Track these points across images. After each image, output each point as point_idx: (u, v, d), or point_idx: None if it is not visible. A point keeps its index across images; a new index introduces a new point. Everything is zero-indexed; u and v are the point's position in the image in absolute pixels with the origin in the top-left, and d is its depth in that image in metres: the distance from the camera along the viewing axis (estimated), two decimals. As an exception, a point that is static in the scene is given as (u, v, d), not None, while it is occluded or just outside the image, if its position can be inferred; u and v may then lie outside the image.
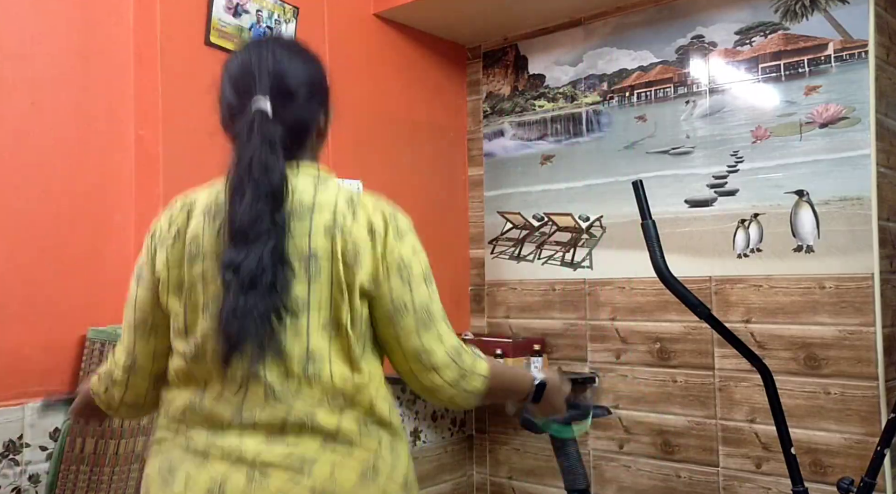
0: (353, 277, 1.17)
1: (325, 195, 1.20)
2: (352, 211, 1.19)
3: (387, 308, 1.20)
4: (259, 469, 1.13)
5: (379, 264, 1.19)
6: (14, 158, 1.98)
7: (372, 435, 1.20)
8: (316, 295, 1.16)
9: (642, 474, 2.73)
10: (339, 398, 1.17)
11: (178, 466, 1.17)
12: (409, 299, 1.20)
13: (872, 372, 2.29)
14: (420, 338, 1.21)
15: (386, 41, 2.90)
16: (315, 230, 1.16)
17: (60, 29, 2.08)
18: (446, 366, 1.22)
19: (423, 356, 1.21)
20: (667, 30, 2.73)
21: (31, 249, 1.99)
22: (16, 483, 1.92)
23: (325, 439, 1.15)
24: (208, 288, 1.16)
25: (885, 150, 2.37)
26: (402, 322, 1.20)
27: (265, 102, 1.17)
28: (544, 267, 3.01)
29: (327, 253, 1.16)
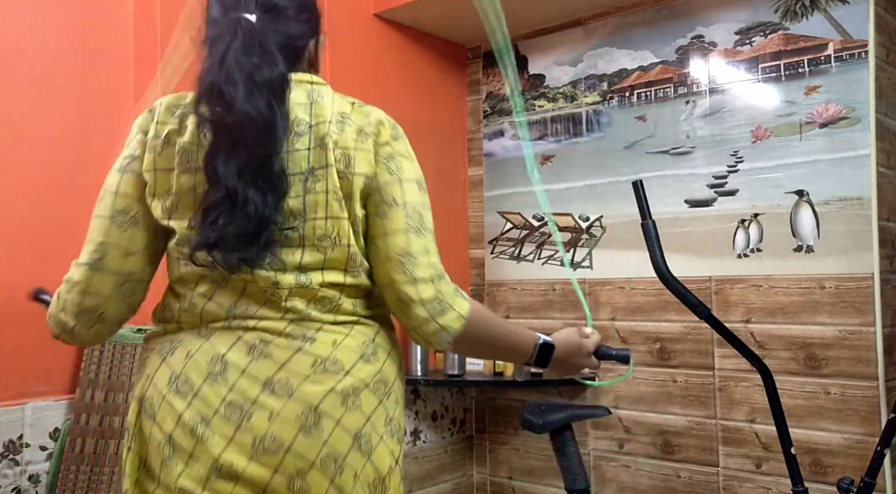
0: (351, 186, 1.14)
1: (320, 107, 1.16)
2: (344, 120, 1.16)
3: (375, 200, 1.16)
4: (261, 340, 1.13)
5: (372, 159, 1.16)
6: (14, 158, 1.98)
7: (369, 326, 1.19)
8: (311, 209, 1.13)
9: (642, 474, 2.73)
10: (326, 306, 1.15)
11: (177, 346, 1.17)
12: (400, 194, 1.17)
13: (872, 372, 2.29)
14: (408, 239, 1.16)
15: (386, 41, 2.90)
16: (312, 145, 1.14)
17: (60, 29, 2.08)
18: (426, 283, 1.15)
19: (408, 261, 1.15)
20: (667, 30, 2.73)
21: (31, 249, 1.99)
22: (16, 483, 1.92)
23: (323, 324, 1.15)
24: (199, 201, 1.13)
25: (885, 150, 2.37)
26: (391, 216, 1.16)
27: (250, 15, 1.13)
28: (544, 267, 3.01)
29: (322, 164, 1.13)
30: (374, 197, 1.16)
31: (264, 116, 1.09)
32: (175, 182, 1.15)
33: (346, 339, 1.16)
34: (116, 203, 1.18)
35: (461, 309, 1.18)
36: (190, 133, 1.14)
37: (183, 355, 1.15)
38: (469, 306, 1.20)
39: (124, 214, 1.18)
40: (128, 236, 1.18)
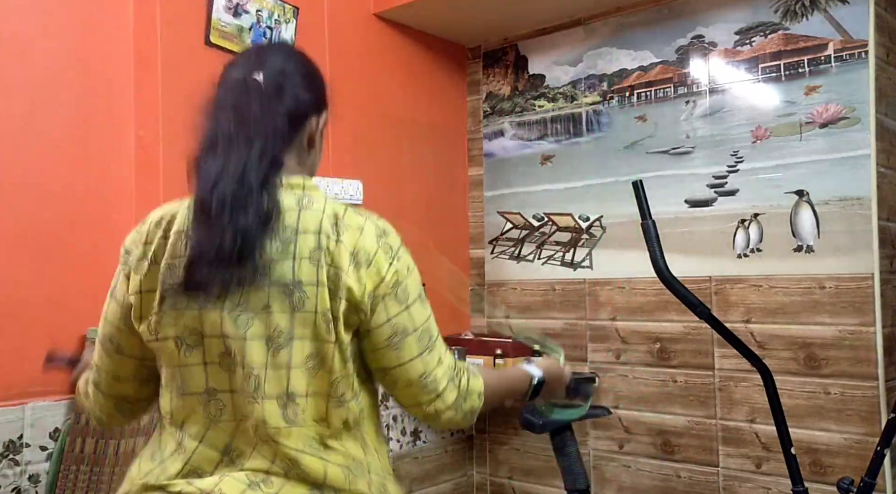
0: (338, 306, 1.07)
1: (309, 215, 1.10)
2: (336, 233, 1.09)
3: (384, 335, 1.11)
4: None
5: (369, 289, 1.09)
6: (14, 158, 1.98)
7: (360, 477, 1.13)
8: (300, 327, 1.07)
9: (642, 474, 2.73)
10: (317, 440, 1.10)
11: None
12: (410, 321, 1.13)
13: (872, 372, 2.29)
14: (424, 362, 1.15)
15: (386, 41, 2.90)
16: (300, 255, 1.07)
17: (60, 29, 2.08)
18: (448, 390, 1.18)
19: (429, 381, 1.15)
20: (667, 30, 2.73)
21: (31, 249, 1.99)
22: (16, 483, 1.92)
23: (311, 488, 1.09)
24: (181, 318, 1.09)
25: (885, 150, 2.37)
26: (405, 347, 1.13)
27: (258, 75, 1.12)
28: (544, 267, 3.01)
29: (311, 281, 1.06)
30: (379, 327, 1.11)
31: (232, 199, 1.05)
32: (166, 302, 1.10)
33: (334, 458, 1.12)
34: (104, 329, 1.20)
35: (479, 388, 1.24)
36: (173, 244, 1.10)
37: None
38: (481, 381, 1.25)
39: (110, 341, 1.19)
40: (114, 364, 1.20)
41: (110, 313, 1.19)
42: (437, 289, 2.46)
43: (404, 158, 2.95)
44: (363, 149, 2.73)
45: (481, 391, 1.24)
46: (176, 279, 1.08)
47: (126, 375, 1.20)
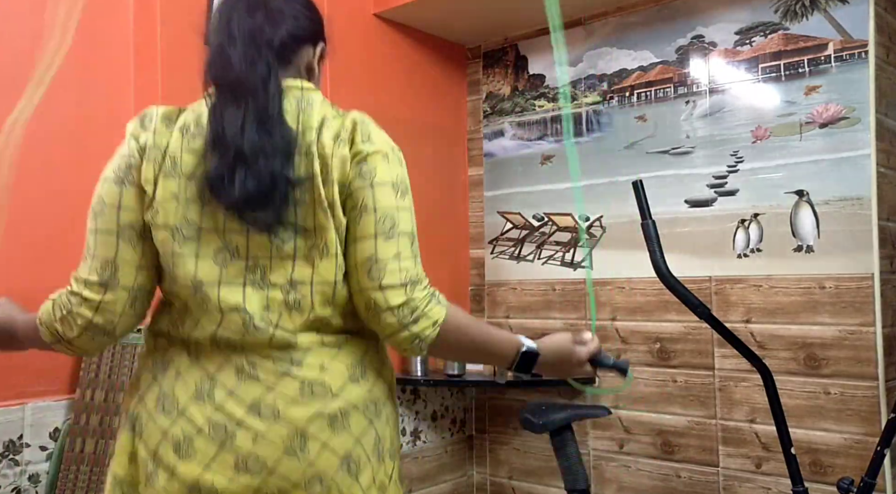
0: (332, 194, 1.12)
1: (307, 115, 1.15)
2: (323, 125, 1.15)
3: (349, 207, 1.13)
4: (248, 362, 1.11)
5: (347, 165, 1.13)
6: (14, 158, 1.98)
7: (357, 344, 1.18)
8: (301, 219, 1.11)
9: (642, 474, 2.73)
10: (319, 322, 1.14)
11: (168, 364, 1.16)
12: (371, 198, 1.13)
13: (872, 372, 2.29)
14: (376, 245, 1.12)
15: (386, 41, 2.90)
16: (299, 152, 1.12)
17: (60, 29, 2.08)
18: (395, 289, 1.12)
19: (374, 268, 1.11)
20: (667, 30, 2.73)
21: (32, 249, 1.99)
22: (16, 483, 1.92)
23: (311, 340, 1.14)
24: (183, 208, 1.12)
25: (885, 150, 2.37)
26: (361, 222, 1.13)
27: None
28: (544, 267, 3.01)
29: (308, 174, 1.11)
30: (348, 203, 1.14)
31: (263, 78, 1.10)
32: (160, 188, 1.13)
33: (334, 361, 1.15)
34: (122, 217, 1.15)
35: (436, 316, 1.14)
36: (176, 138, 1.14)
37: (172, 373, 1.15)
38: (445, 312, 1.16)
39: (131, 228, 1.15)
40: (139, 251, 1.15)
41: (127, 198, 1.14)
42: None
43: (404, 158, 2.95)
44: (363, 149, 2.73)
45: (439, 320, 1.14)
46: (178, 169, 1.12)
47: (149, 262, 1.16)
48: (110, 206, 1.15)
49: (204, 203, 1.11)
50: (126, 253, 1.14)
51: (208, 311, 1.12)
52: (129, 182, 1.16)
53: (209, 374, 1.12)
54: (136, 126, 1.19)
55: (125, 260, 1.14)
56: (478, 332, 1.24)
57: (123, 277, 1.15)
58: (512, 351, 1.25)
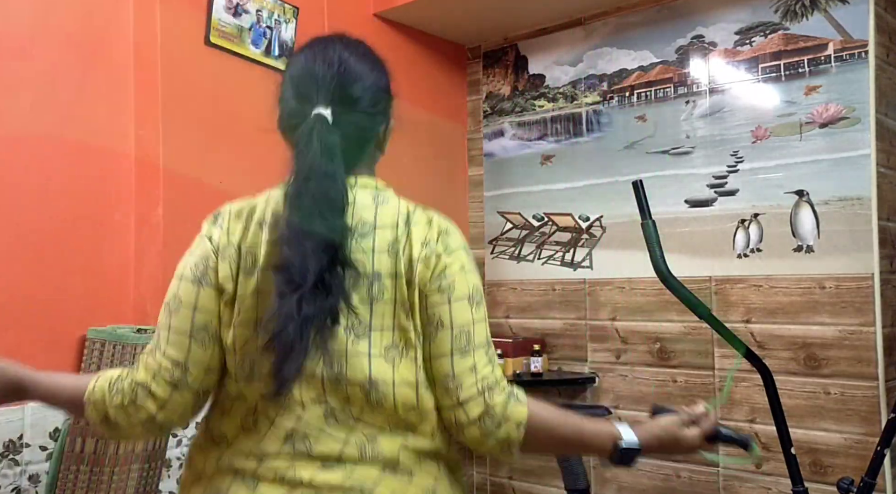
0: (415, 295, 1.10)
1: (385, 211, 1.14)
2: (409, 227, 1.13)
3: (424, 322, 1.11)
4: (315, 491, 1.07)
5: (426, 276, 1.11)
6: (14, 158, 1.98)
7: (430, 468, 1.13)
8: (378, 317, 1.09)
9: (642, 474, 2.73)
10: (401, 426, 1.11)
11: (225, 490, 1.11)
12: (448, 315, 1.11)
13: (872, 372, 2.29)
14: (452, 362, 1.10)
15: (386, 41, 2.89)
16: (378, 248, 1.10)
17: (60, 29, 2.08)
18: (473, 401, 1.09)
19: (451, 384, 1.09)
20: (667, 30, 2.73)
21: (32, 249, 1.99)
22: (16, 483, 1.92)
23: (383, 468, 1.09)
24: (262, 303, 1.09)
25: (885, 150, 2.37)
26: (437, 341, 1.10)
27: (326, 109, 1.12)
28: (544, 267, 3.01)
29: (390, 273, 1.09)
30: (422, 315, 1.12)
31: (333, 226, 1.07)
32: (240, 286, 1.11)
33: (408, 489, 1.10)
34: (197, 320, 1.12)
35: (518, 417, 1.11)
36: (254, 232, 1.12)
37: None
38: (527, 411, 1.12)
39: (205, 330, 1.13)
40: (209, 353, 1.13)
41: (204, 299, 1.13)
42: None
43: (404, 158, 2.95)
44: (363, 149, 2.73)
45: (522, 422, 1.10)
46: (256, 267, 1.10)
47: (216, 365, 1.14)
48: (186, 305, 1.13)
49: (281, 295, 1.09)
50: (198, 354, 1.13)
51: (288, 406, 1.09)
52: (206, 283, 1.13)
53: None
54: (209, 225, 1.17)
55: (196, 361, 1.13)
56: (566, 426, 1.18)
57: (193, 378, 1.13)
58: (608, 444, 1.18)
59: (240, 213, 1.15)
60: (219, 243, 1.14)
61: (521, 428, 1.10)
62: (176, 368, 1.12)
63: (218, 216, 1.17)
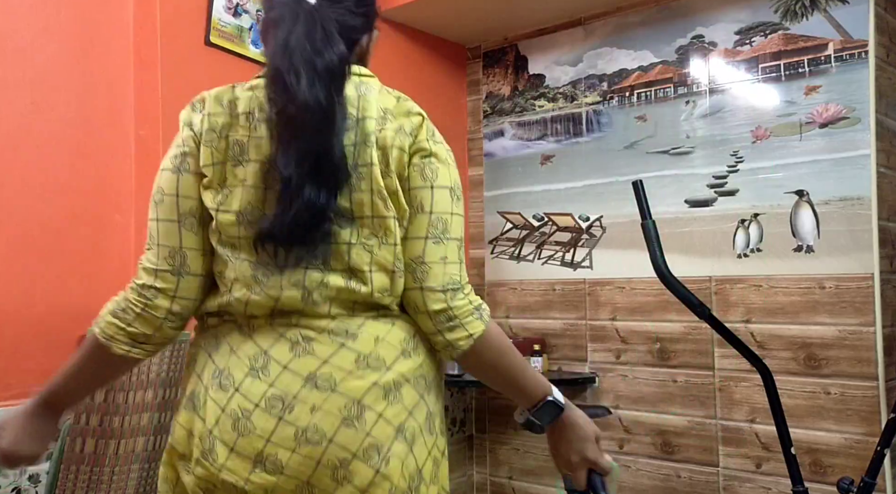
0: (391, 182, 1.13)
1: (367, 101, 1.15)
2: (386, 115, 1.15)
3: (401, 201, 1.14)
4: (303, 337, 1.12)
5: (406, 159, 1.14)
6: (14, 158, 1.98)
7: (410, 321, 1.18)
8: (358, 207, 1.12)
9: (642, 474, 2.73)
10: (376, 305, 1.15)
11: (221, 341, 1.16)
12: (429, 199, 1.15)
13: (872, 372, 2.29)
14: (424, 247, 1.14)
15: (386, 41, 2.88)
16: (358, 140, 1.12)
17: (60, 29, 2.08)
18: (434, 294, 1.14)
19: (419, 268, 1.14)
20: (667, 30, 2.73)
21: (32, 248, 1.99)
22: (16, 483, 1.92)
23: (366, 316, 1.14)
24: (248, 193, 1.12)
25: (885, 150, 2.37)
26: (415, 222, 1.14)
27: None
28: (544, 267, 3.01)
29: (367, 162, 1.12)
30: (399, 194, 1.15)
31: (323, 107, 1.08)
32: (229, 174, 1.14)
33: (388, 335, 1.15)
34: (182, 206, 1.17)
35: (473, 329, 1.16)
36: (242, 125, 1.14)
37: (226, 350, 1.15)
38: (483, 329, 1.17)
39: (192, 216, 1.17)
40: (202, 237, 1.17)
41: (185, 186, 1.16)
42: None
43: (404, 158, 2.95)
44: (363, 149, 2.73)
45: (475, 335, 1.16)
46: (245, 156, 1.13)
47: (210, 247, 1.18)
48: (169, 195, 1.18)
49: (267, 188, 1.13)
50: (189, 241, 1.17)
51: (268, 287, 1.13)
52: (185, 170, 1.17)
53: (262, 350, 1.13)
54: (188, 113, 1.20)
55: (190, 247, 1.17)
56: (513, 361, 1.24)
57: (192, 263, 1.17)
58: (539, 394, 1.24)
59: (220, 99, 1.17)
60: (200, 129, 1.16)
61: (470, 340, 1.15)
62: (174, 257, 1.16)
63: (198, 103, 1.19)
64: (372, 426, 1.11)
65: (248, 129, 1.13)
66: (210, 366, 1.16)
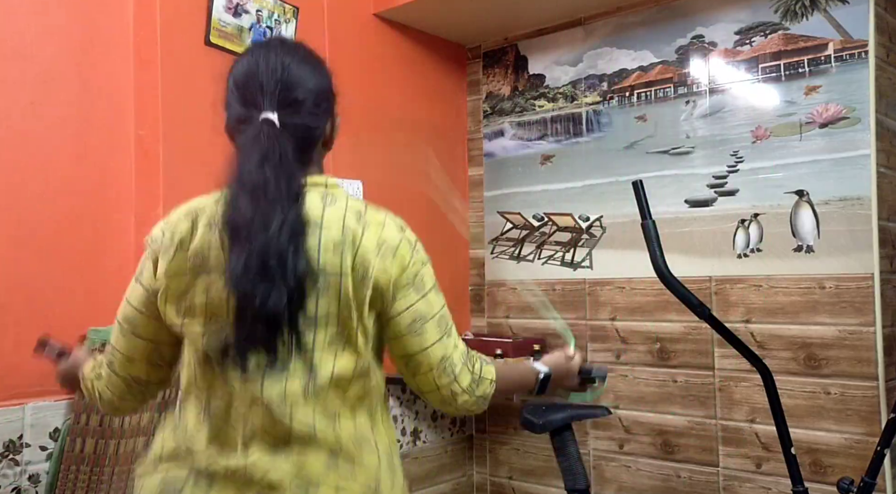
0: (364, 293, 1.16)
1: (333, 210, 1.18)
2: (361, 227, 1.18)
3: (406, 321, 1.20)
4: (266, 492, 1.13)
5: (394, 277, 1.18)
6: (14, 158, 1.98)
7: (371, 451, 1.20)
8: (323, 311, 1.14)
9: (642, 474, 2.73)
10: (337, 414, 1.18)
11: (182, 487, 1.16)
12: (428, 308, 1.22)
13: (872, 372, 2.29)
14: (444, 346, 1.22)
15: (386, 41, 2.90)
16: (324, 247, 1.14)
17: (60, 29, 2.08)
18: (463, 373, 1.24)
19: (448, 364, 1.22)
20: (667, 30, 2.73)
21: (31, 248, 1.99)
22: (16, 483, 1.92)
23: (329, 455, 1.16)
24: (212, 302, 1.15)
25: (885, 150, 2.37)
26: (426, 332, 1.21)
27: (272, 113, 1.16)
28: (544, 267, 3.01)
29: (336, 269, 1.14)
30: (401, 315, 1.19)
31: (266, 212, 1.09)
32: (189, 285, 1.17)
33: (350, 484, 1.17)
34: (125, 311, 1.25)
35: (490, 376, 1.28)
36: (201, 236, 1.16)
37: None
38: (493, 368, 1.30)
39: (128, 322, 1.25)
40: (129, 344, 1.26)
41: (133, 296, 1.24)
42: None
43: (404, 158, 2.95)
44: (363, 149, 2.73)
45: (493, 379, 1.28)
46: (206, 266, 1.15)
47: (139, 357, 1.26)
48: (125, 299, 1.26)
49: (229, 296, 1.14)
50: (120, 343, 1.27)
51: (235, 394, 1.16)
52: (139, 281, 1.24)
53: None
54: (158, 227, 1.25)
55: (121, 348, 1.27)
56: (511, 373, 1.40)
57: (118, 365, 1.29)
58: (533, 378, 1.43)
59: (189, 212, 1.21)
60: (161, 241, 1.20)
61: (493, 384, 1.28)
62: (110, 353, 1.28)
63: (168, 218, 1.24)
64: None
65: (208, 238, 1.16)
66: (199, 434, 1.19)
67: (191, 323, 1.17)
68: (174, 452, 1.19)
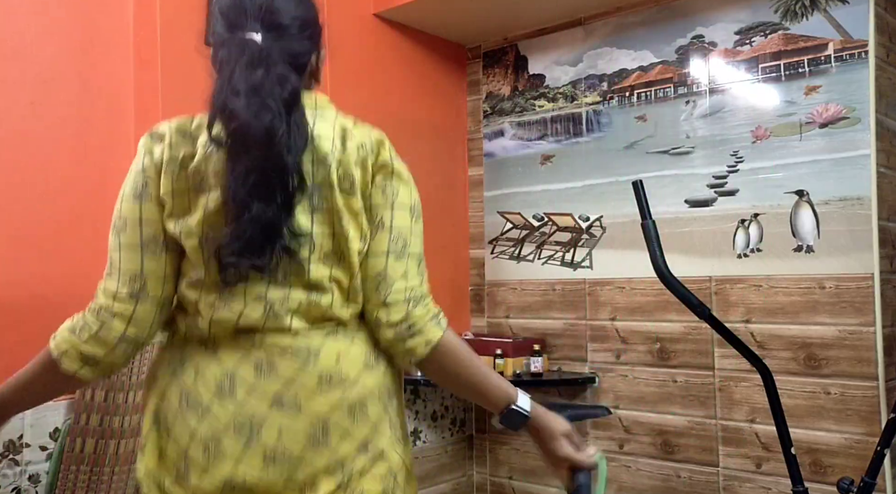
0: (354, 204, 1.17)
1: (322, 126, 1.18)
2: (346, 136, 1.18)
3: (362, 223, 1.18)
4: (267, 357, 1.15)
5: (368, 178, 1.18)
6: (14, 158, 1.98)
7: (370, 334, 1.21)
8: (318, 226, 1.15)
9: (642, 474, 2.73)
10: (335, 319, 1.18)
11: (186, 360, 1.18)
12: (389, 217, 1.20)
13: (872, 372, 2.29)
14: (386, 263, 1.18)
15: (386, 41, 2.90)
16: (317, 160, 1.15)
17: (60, 29, 2.08)
18: (396, 306, 1.18)
19: (382, 285, 1.18)
20: (667, 30, 2.73)
21: (31, 248, 1.99)
22: (16, 483, 1.92)
23: (327, 332, 1.17)
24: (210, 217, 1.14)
25: (885, 150, 2.37)
26: (376, 238, 1.19)
27: (256, 35, 1.16)
28: (544, 267, 3.01)
29: (327, 183, 1.15)
30: (367, 212, 1.19)
31: (266, 125, 1.10)
32: (192, 203, 1.16)
33: (350, 350, 1.19)
34: (145, 232, 1.19)
35: (431, 335, 1.19)
36: (200, 154, 1.16)
37: (192, 370, 1.17)
38: (442, 335, 1.20)
39: (155, 242, 1.18)
40: (163, 262, 1.19)
41: (147, 212, 1.18)
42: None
43: (404, 158, 2.94)
44: (363, 149, 2.73)
45: (432, 342, 1.18)
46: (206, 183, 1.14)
47: (171, 272, 1.19)
48: (132, 221, 1.20)
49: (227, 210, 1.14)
50: (150, 266, 1.18)
51: (230, 304, 1.16)
52: (146, 198, 1.19)
53: (227, 371, 1.15)
54: (148, 142, 1.22)
55: (151, 272, 1.18)
56: (472, 367, 1.25)
57: (152, 288, 1.18)
58: (503, 400, 1.26)
59: (183, 131, 1.19)
60: (161, 158, 1.18)
61: (428, 346, 1.18)
62: (134, 281, 1.18)
63: (157, 133, 1.21)
64: (338, 444, 1.14)
65: (207, 157, 1.16)
66: (175, 386, 1.18)
67: (189, 238, 1.16)
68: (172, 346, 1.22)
